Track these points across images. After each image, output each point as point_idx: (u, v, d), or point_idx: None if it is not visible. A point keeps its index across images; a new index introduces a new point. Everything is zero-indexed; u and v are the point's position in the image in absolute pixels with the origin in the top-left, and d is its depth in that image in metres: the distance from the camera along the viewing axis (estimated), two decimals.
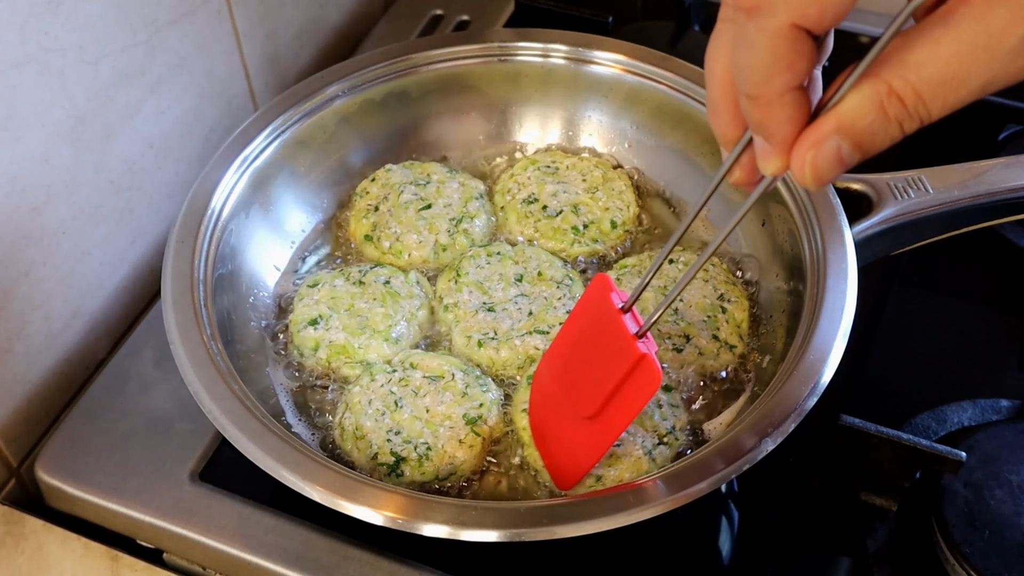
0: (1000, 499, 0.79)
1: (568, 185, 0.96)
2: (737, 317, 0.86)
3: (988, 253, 1.02)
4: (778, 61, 0.47)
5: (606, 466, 0.75)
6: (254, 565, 0.78)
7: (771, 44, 0.47)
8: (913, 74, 0.46)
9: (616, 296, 0.68)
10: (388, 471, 0.75)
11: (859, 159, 0.50)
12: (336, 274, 0.89)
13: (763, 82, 0.48)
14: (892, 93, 0.47)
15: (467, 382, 0.80)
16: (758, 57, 0.47)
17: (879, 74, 0.47)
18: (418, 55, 0.98)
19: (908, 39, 0.46)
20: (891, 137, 0.49)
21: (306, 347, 0.84)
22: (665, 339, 0.84)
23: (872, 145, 0.49)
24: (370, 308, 0.85)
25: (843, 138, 0.49)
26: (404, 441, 0.76)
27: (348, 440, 0.78)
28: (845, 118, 0.48)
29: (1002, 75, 0.46)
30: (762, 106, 0.49)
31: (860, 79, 0.47)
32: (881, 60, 0.47)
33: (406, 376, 0.80)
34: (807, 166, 0.50)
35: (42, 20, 0.78)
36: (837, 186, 0.84)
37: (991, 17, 0.45)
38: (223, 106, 1.03)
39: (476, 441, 0.77)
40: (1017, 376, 0.93)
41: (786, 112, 0.49)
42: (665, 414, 0.78)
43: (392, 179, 0.96)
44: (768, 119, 0.49)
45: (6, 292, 0.83)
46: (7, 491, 0.87)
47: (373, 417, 0.78)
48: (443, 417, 0.78)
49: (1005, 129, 1.08)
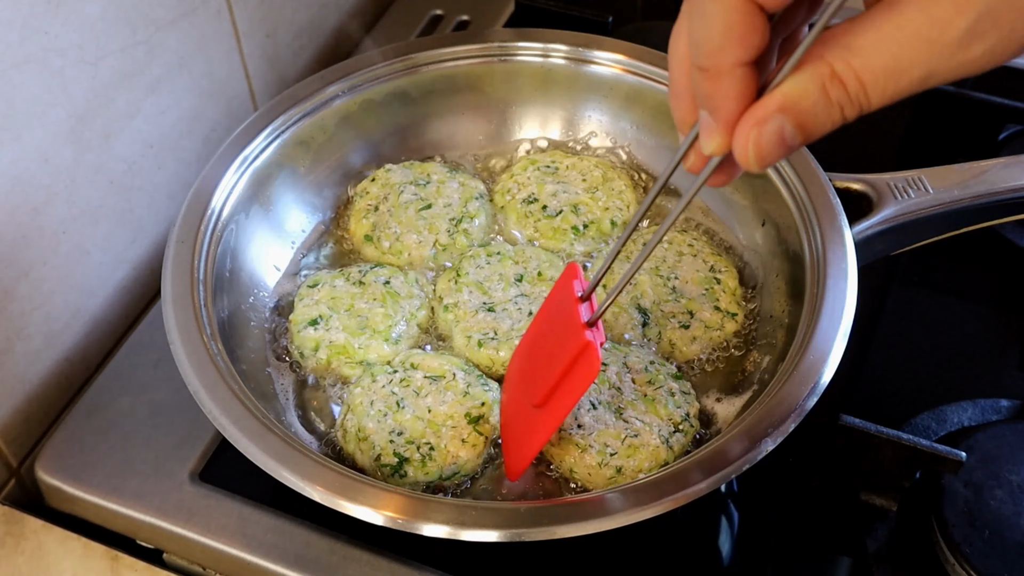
0: (1000, 499, 0.79)
1: (568, 185, 0.96)
2: (731, 285, 0.88)
3: (988, 253, 1.02)
4: (730, 32, 0.47)
5: (625, 457, 0.75)
6: (254, 565, 0.78)
7: (724, 15, 0.47)
8: (857, 59, 0.46)
9: (579, 284, 0.69)
10: (392, 472, 0.75)
11: (801, 142, 0.49)
12: (336, 274, 0.89)
13: (715, 52, 0.48)
14: (835, 76, 0.47)
15: (468, 381, 0.80)
16: (711, 28, 0.48)
17: (823, 56, 0.46)
18: (418, 55, 0.98)
19: (855, 23, 0.46)
20: (832, 121, 0.48)
21: (306, 347, 0.84)
22: (670, 318, 0.85)
23: (815, 127, 0.49)
24: (370, 308, 0.85)
25: (786, 118, 0.48)
26: (407, 442, 0.76)
27: (351, 442, 0.78)
28: (789, 97, 0.48)
29: (943, 68, 0.46)
30: (711, 78, 0.49)
31: (805, 60, 0.47)
32: (828, 41, 0.47)
33: (407, 376, 0.80)
34: (750, 144, 0.49)
35: (42, 20, 0.78)
36: (837, 186, 0.84)
37: (935, 8, 0.44)
38: (223, 106, 1.03)
39: (479, 440, 0.77)
40: (1017, 376, 0.93)
41: (735, 87, 0.49)
42: (679, 402, 0.79)
43: (392, 179, 0.96)
44: (716, 92, 0.49)
45: (6, 292, 0.83)
46: (7, 491, 0.87)
47: (375, 418, 0.78)
48: (445, 417, 0.78)
49: (1005, 129, 1.08)
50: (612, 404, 0.78)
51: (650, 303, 0.86)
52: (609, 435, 0.76)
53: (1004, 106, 1.08)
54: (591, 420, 0.77)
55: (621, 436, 0.76)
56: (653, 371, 0.81)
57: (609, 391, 0.79)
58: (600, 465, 0.75)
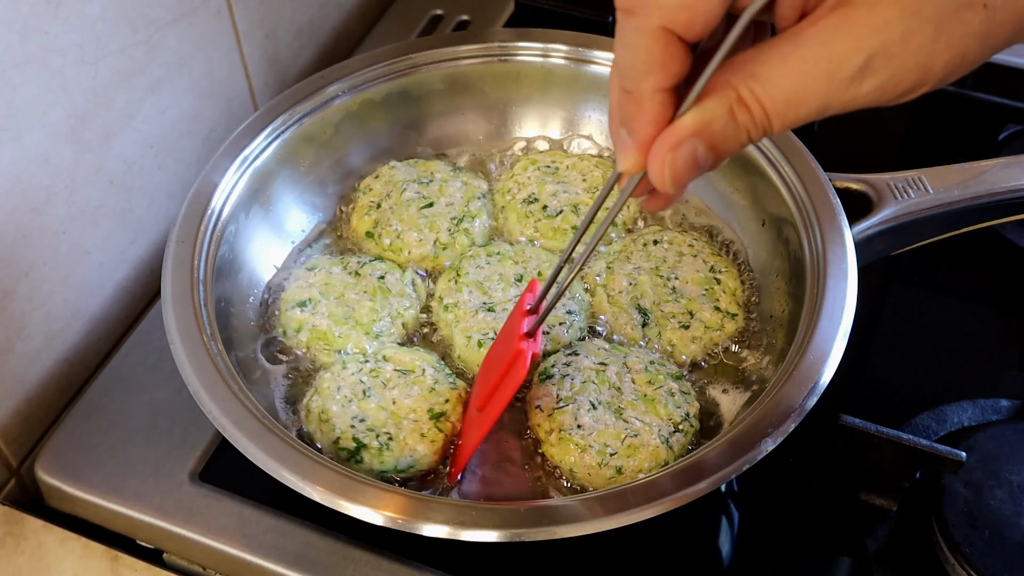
0: (1000, 499, 0.79)
1: (568, 185, 0.96)
2: (731, 286, 0.88)
3: (988, 253, 1.02)
4: (651, 61, 0.49)
5: (625, 457, 0.75)
6: (254, 565, 0.78)
7: (646, 44, 0.49)
8: (759, 87, 0.48)
9: (531, 297, 0.73)
10: (348, 456, 0.76)
11: (712, 164, 0.52)
12: (335, 261, 0.90)
13: (637, 78, 0.50)
14: (741, 101, 0.49)
15: (436, 378, 0.81)
16: (634, 56, 0.50)
17: (731, 81, 0.49)
18: (418, 55, 0.98)
19: (761, 51, 0.49)
20: (740, 143, 0.51)
21: (290, 327, 0.85)
22: (670, 318, 0.85)
23: (725, 149, 0.51)
24: (359, 300, 0.86)
25: (699, 140, 0.50)
26: (367, 429, 0.77)
27: (312, 421, 0.79)
28: (700, 121, 0.50)
29: (837, 101, 0.48)
30: (634, 101, 0.51)
31: (715, 86, 0.49)
32: (736, 67, 0.49)
33: (377, 368, 0.81)
34: (666, 167, 0.51)
35: (42, 20, 0.78)
36: (837, 186, 0.84)
37: (835, 43, 0.47)
38: (223, 106, 1.03)
39: (438, 436, 0.78)
40: (1017, 376, 0.93)
41: (653, 110, 0.51)
42: (679, 402, 0.79)
43: (396, 176, 0.96)
44: (636, 114, 0.52)
45: (6, 292, 0.83)
46: (7, 491, 0.87)
47: (340, 403, 0.78)
48: (408, 410, 0.79)
49: (1005, 129, 1.08)
50: (612, 404, 0.78)
51: (650, 303, 0.86)
52: (609, 435, 0.76)
53: (1004, 106, 1.08)
54: (591, 420, 0.77)
55: (621, 436, 0.76)
56: (653, 371, 0.81)
57: (609, 391, 0.79)
58: (600, 465, 0.75)
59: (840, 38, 0.47)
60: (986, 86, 1.16)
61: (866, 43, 0.46)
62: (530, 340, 0.71)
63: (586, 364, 0.81)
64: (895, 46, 0.46)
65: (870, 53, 0.46)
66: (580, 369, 0.80)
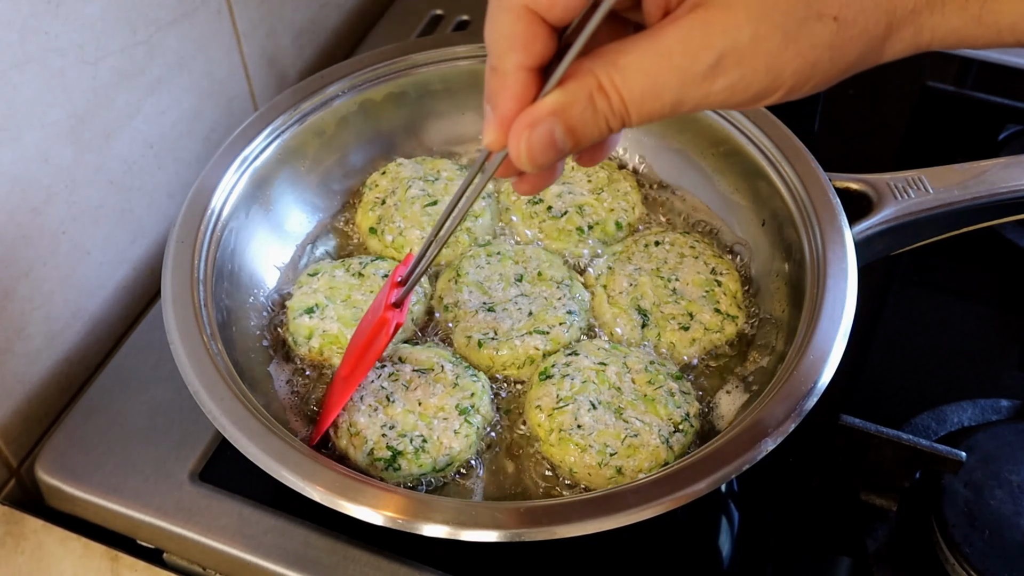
0: (1000, 499, 0.79)
1: (573, 186, 0.96)
2: (732, 288, 0.88)
3: (988, 253, 1.02)
4: (513, 38, 0.51)
5: (625, 457, 0.75)
6: (254, 565, 0.78)
7: (508, 21, 0.51)
8: (619, 77, 0.50)
9: (403, 269, 0.75)
10: (385, 466, 0.76)
11: (571, 147, 0.53)
12: (337, 264, 0.89)
13: (501, 55, 0.52)
14: (601, 88, 0.50)
15: (457, 373, 0.81)
16: (498, 32, 0.52)
17: (592, 69, 0.50)
18: (418, 55, 0.98)
19: (625, 43, 0.50)
20: (600, 131, 0.52)
21: (300, 334, 0.85)
22: (670, 320, 0.85)
23: (584, 134, 0.52)
24: (366, 300, 0.86)
25: (557, 121, 0.51)
26: (399, 435, 0.77)
27: (343, 438, 0.78)
28: (559, 103, 0.51)
29: (690, 97, 0.50)
30: (499, 78, 0.53)
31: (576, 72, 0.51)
32: (599, 56, 0.50)
33: (396, 371, 0.81)
34: (523, 144, 0.52)
35: (42, 20, 0.78)
36: (837, 186, 0.84)
37: (690, 40, 0.48)
38: (223, 106, 1.04)
39: (470, 431, 0.78)
40: (1017, 376, 0.93)
41: (515, 88, 0.52)
42: (679, 401, 0.79)
43: (402, 173, 0.96)
44: (500, 91, 0.53)
45: (6, 292, 0.83)
46: (7, 491, 0.87)
47: (366, 413, 0.78)
48: (436, 409, 0.78)
49: (1005, 129, 1.08)
50: (612, 404, 0.78)
51: (650, 304, 0.86)
52: (609, 435, 0.76)
53: (1004, 106, 1.08)
54: (591, 420, 0.77)
55: (621, 436, 0.76)
56: (653, 371, 0.81)
57: (609, 391, 0.79)
58: (600, 465, 0.75)
59: (694, 36, 0.48)
60: (986, 86, 1.16)
61: (717, 42, 0.48)
62: (396, 310, 0.73)
63: (586, 364, 0.81)
64: (745, 48, 0.48)
65: (721, 52, 0.48)
66: (580, 369, 0.80)
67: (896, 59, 0.52)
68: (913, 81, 1.18)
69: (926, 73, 1.19)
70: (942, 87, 1.10)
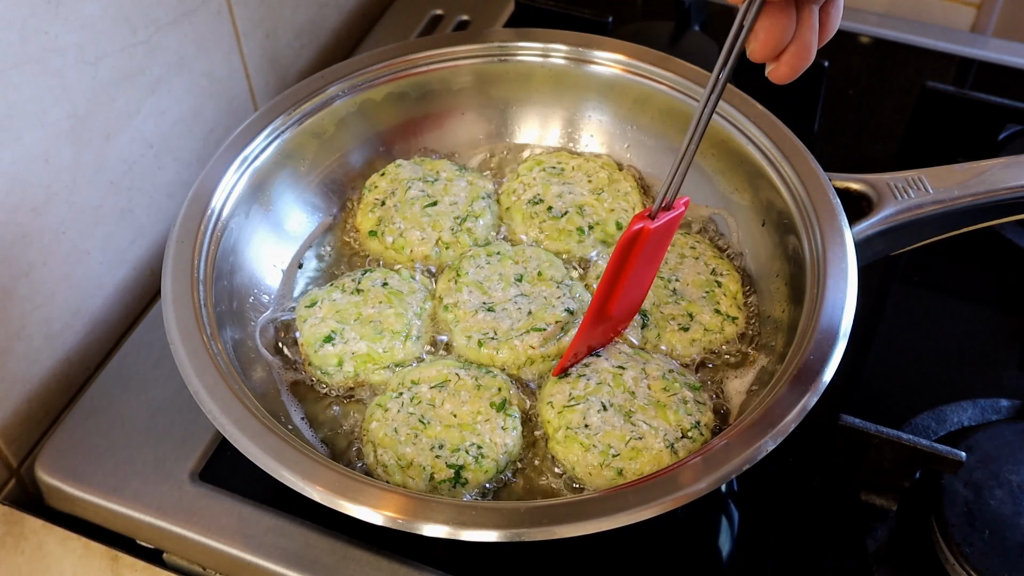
0: (1000, 499, 0.79)
1: (574, 186, 0.96)
2: (732, 289, 0.88)
3: (988, 253, 1.02)
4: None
5: (627, 459, 0.75)
6: (254, 565, 0.78)
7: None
8: None
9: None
10: (452, 484, 0.75)
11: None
12: (330, 288, 0.87)
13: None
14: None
15: (474, 375, 0.81)
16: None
17: None
18: (418, 55, 0.98)
19: None
20: None
21: (329, 365, 0.83)
22: (670, 320, 0.85)
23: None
24: (379, 312, 0.85)
25: None
26: (452, 451, 0.76)
27: (395, 473, 0.76)
28: None
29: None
30: None
31: None
32: None
33: (414, 395, 0.80)
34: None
35: (42, 20, 0.78)
36: (837, 186, 0.84)
37: None
38: (223, 106, 1.04)
39: (515, 422, 0.78)
40: (1017, 376, 0.93)
41: None
42: (690, 410, 0.78)
43: (401, 174, 0.96)
44: None
45: (6, 292, 0.83)
46: (7, 491, 0.87)
47: (408, 443, 0.76)
48: (473, 414, 0.78)
49: (1005, 129, 1.08)
50: (623, 407, 0.78)
51: (650, 305, 0.86)
52: (614, 436, 0.76)
53: (1004, 106, 1.08)
54: (599, 421, 0.77)
55: (626, 438, 0.76)
56: (671, 379, 0.80)
57: (623, 395, 0.79)
58: (601, 466, 0.75)
59: None
60: (986, 86, 1.16)
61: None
62: (648, 220, 0.70)
63: (604, 366, 0.80)
64: None
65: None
66: (598, 371, 0.80)
67: None
68: (913, 81, 1.18)
69: (926, 73, 1.20)
70: (942, 87, 1.10)
